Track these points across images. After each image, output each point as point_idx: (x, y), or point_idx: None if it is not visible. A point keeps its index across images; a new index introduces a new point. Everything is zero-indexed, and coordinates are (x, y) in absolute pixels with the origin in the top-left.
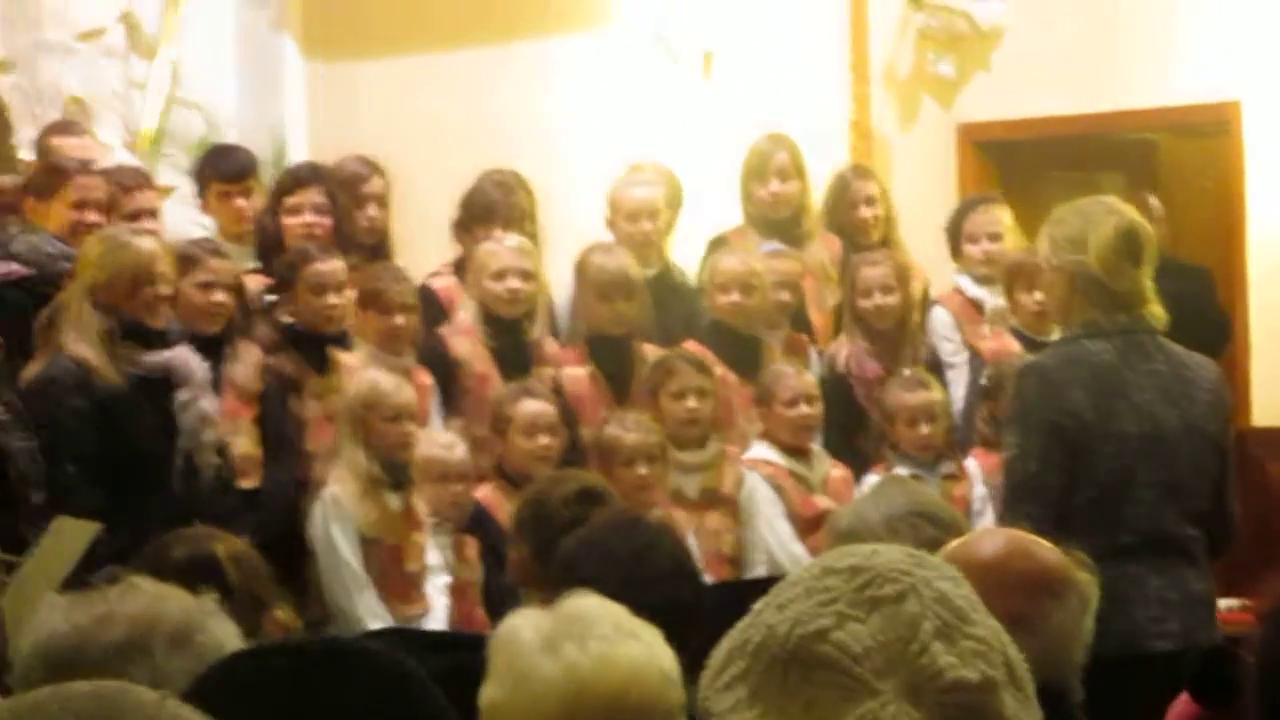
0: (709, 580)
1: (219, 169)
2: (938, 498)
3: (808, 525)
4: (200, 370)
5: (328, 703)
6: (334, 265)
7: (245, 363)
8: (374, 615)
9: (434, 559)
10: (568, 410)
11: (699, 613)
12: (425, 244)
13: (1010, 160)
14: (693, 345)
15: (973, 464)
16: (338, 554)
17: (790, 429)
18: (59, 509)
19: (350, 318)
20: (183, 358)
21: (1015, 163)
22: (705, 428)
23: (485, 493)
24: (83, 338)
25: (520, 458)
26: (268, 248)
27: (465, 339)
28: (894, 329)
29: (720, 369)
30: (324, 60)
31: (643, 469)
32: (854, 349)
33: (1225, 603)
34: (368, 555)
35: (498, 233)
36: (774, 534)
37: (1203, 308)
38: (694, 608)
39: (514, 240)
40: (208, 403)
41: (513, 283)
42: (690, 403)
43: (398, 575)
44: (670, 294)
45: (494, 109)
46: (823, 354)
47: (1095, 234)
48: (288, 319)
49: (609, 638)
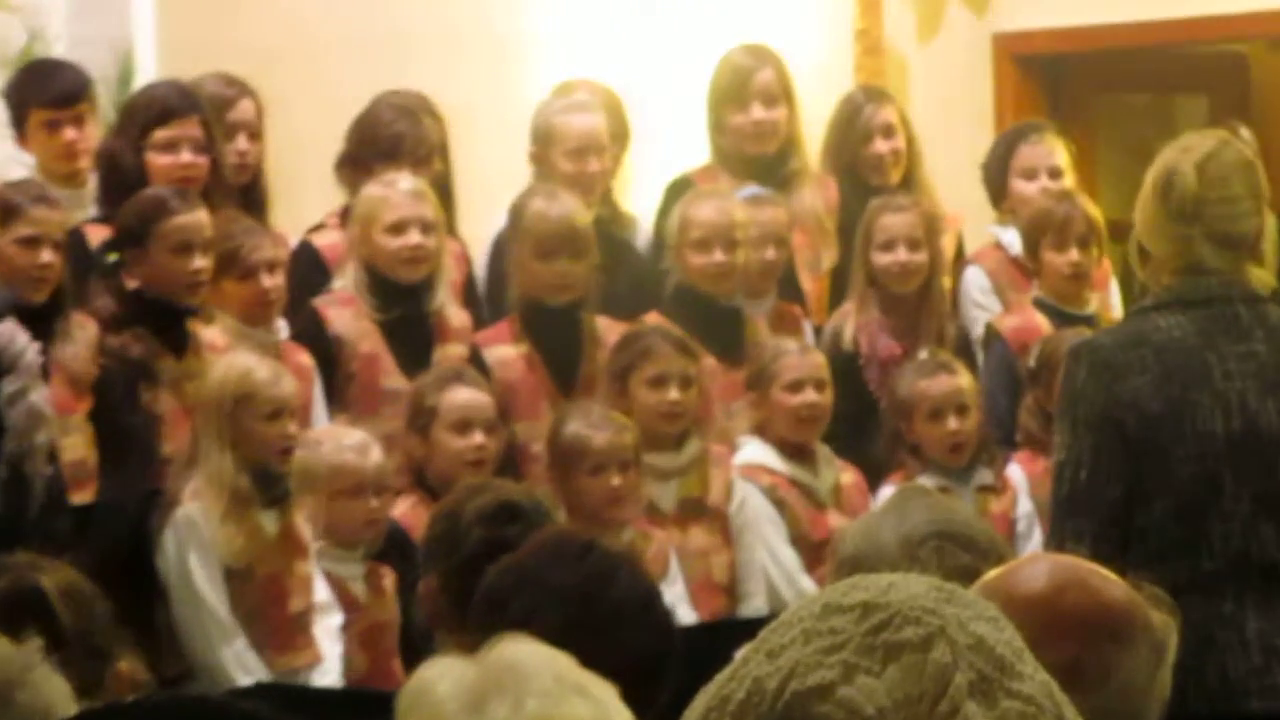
0: (693, 618)
1: (42, 91)
2: (971, 514)
3: (818, 551)
4: (31, 351)
5: None
6: (199, 217)
7: (78, 342)
8: (245, 669)
9: (323, 594)
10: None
11: (668, 663)
12: (303, 187)
13: (1060, 80)
14: (654, 318)
15: (1016, 472)
16: (196, 591)
17: (792, 421)
18: None
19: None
20: (8, 334)
21: (1066, 83)
22: (687, 424)
23: (403, 510)
24: None
25: (448, 462)
26: (119, 192)
27: (347, 311)
28: (917, 296)
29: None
30: None
31: (616, 479)
32: (865, 321)
33: None
34: (237, 592)
35: (390, 174)
36: (776, 564)
37: None
38: (661, 657)
39: (409, 183)
40: (40, 394)
41: (413, 237)
42: (673, 393)
43: (277, 617)
44: (617, 251)
45: (387, 11)
46: (819, 330)
47: (1146, 179)
48: (135, 285)
49: (549, 695)
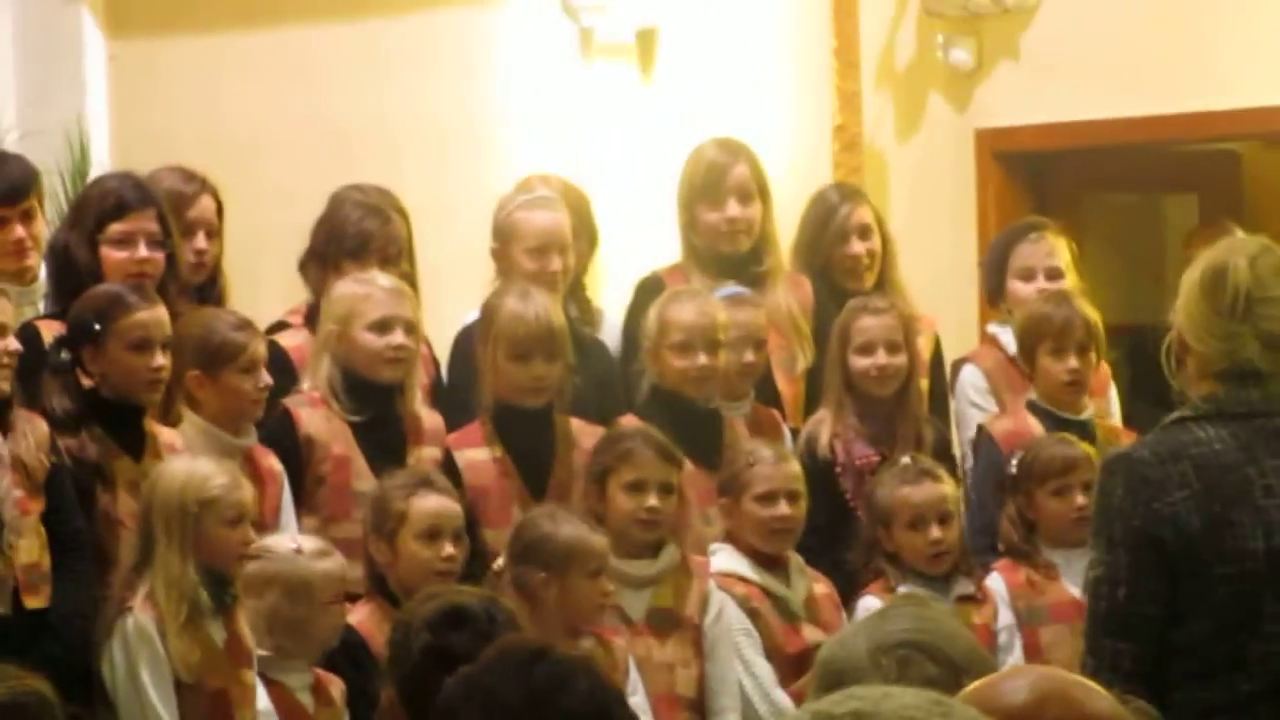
0: None
1: None
2: (956, 627)
3: (792, 665)
4: (4, 445)
5: None
6: (158, 313)
7: (29, 437)
8: None
9: (264, 703)
10: (468, 508)
11: None
12: (258, 282)
13: (1046, 178)
14: (630, 420)
15: (996, 582)
16: (148, 704)
17: (763, 532)
18: None
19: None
20: None
21: (1052, 182)
22: (665, 532)
23: (359, 617)
24: None
25: (416, 572)
26: (71, 286)
27: (318, 412)
28: (894, 400)
29: None
30: (131, 38)
31: (610, 584)
32: (841, 428)
33: None
34: (186, 705)
35: (366, 272)
36: (751, 677)
37: None
38: None
39: (389, 280)
40: (11, 489)
41: (397, 336)
42: (651, 500)
43: None
44: (588, 351)
45: (343, 104)
46: (796, 433)
47: (1185, 279)
48: (90, 383)
49: None
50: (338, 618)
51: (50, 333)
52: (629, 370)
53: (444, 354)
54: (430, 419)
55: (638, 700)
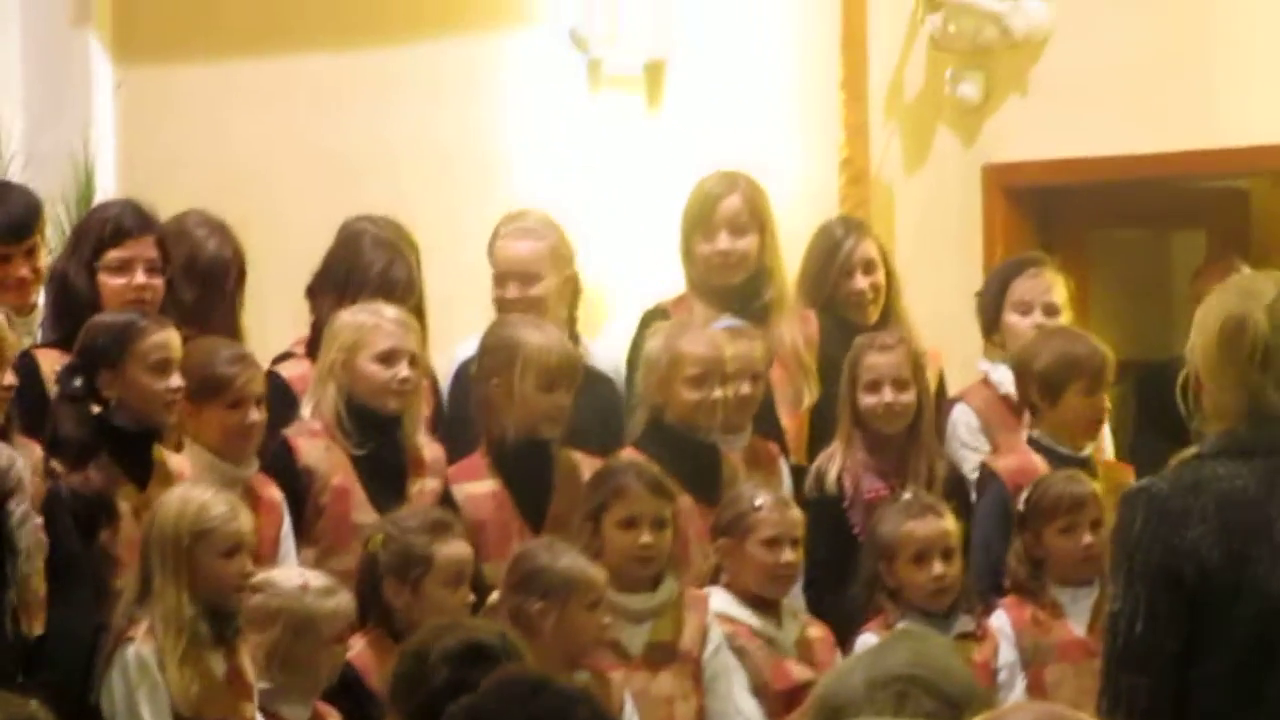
0: None
1: None
2: (954, 662)
3: (780, 701)
4: (26, 471)
5: None
6: (171, 336)
7: (28, 465)
8: None
9: None
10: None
11: None
12: (263, 307)
13: (1053, 214)
14: (629, 453)
15: (1001, 619)
16: None
17: (766, 577)
18: None
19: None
20: (7, 456)
21: (1059, 216)
22: (661, 567)
23: (356, 649)
24: None
25: (436, 615)
26: (70, 314)
27: (319, 442)
28: (905, 436)
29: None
30: (139, 64)
31: (607, 616)
32: (851, 463)
33: None
34: None
35: (374, 303)
36: (737, 714)
37: None
38: None
39: (396, 312)
40: (35, 516)
41: (403, 369)
42: (645, 536)
43: None
44: (592, 382)
45: (348, 133)
46: (796, 468)
47: (1200, 322)
48: (100, 410)
49: None
50: (340, 656)
51: (48, 361)
52: (628, 402)
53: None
54: (431, 450)
55: None
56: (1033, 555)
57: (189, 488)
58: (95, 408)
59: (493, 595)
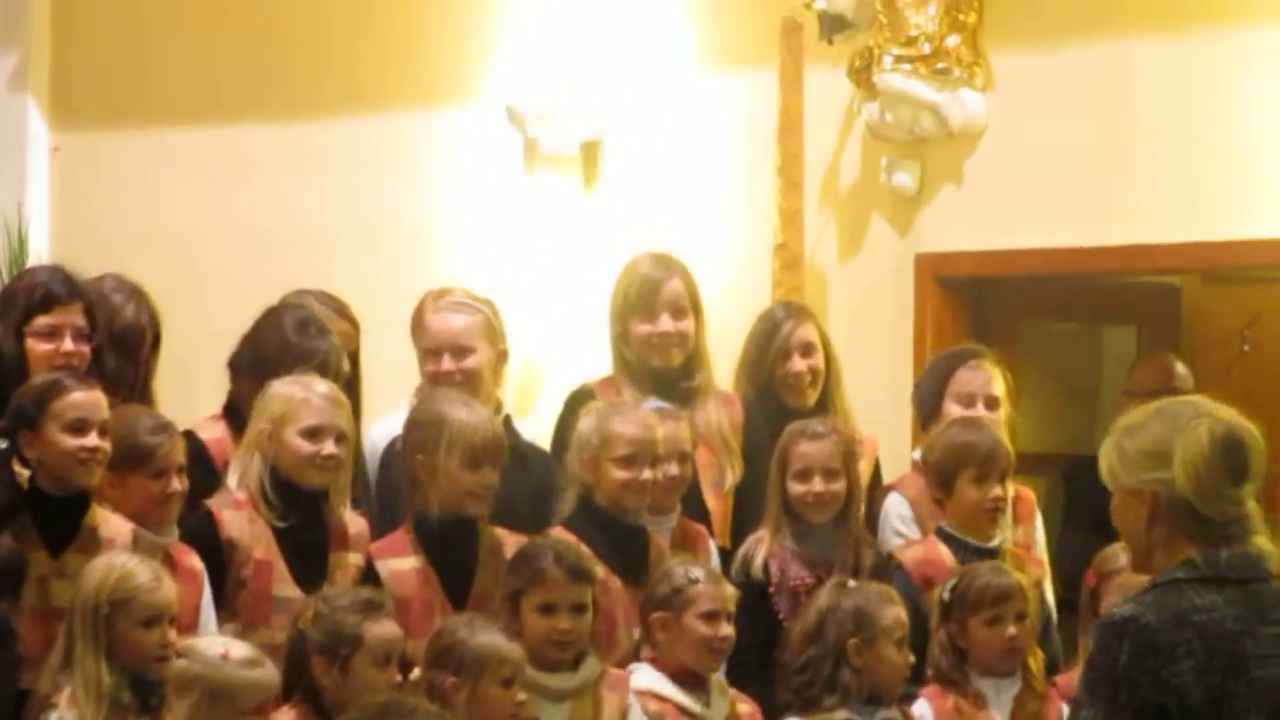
0: None
1: None
2: None
3: None
4: None
5: None
6: (94, 396)
7: None
8: None
9: None
10: None
11: None
12: (192, 378)
13: (986, 304)
14: (559, 533)
15: (923, 708)
16: None
17: (701, 650)
18: None
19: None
20: None
21: (992, 308)
22: (579, 650)
23: None
24: None
25: (365, 694)
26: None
27: (242, 514)
28: (832, 524)
29: (600, 569)
30: (75, 129)
31: (522, 694)
32: (778, 549)
33: None
34: None
35: (309, 375)
36: None
37: None
38: None
39: (326, 387)
40: None
41: (328, 446)
42: (562, 622)
43: None
44: (526, 459)
45: (289, 203)
46: (724, 551)
47: (1184, 442)
48: (22, 471)
49: None
50: None
51: None
52: (556, 482)
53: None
54: (355, 525)
55: None
56: (957, 645)
57: (114, 555)
58: (23, 471)
59: (414, 672)
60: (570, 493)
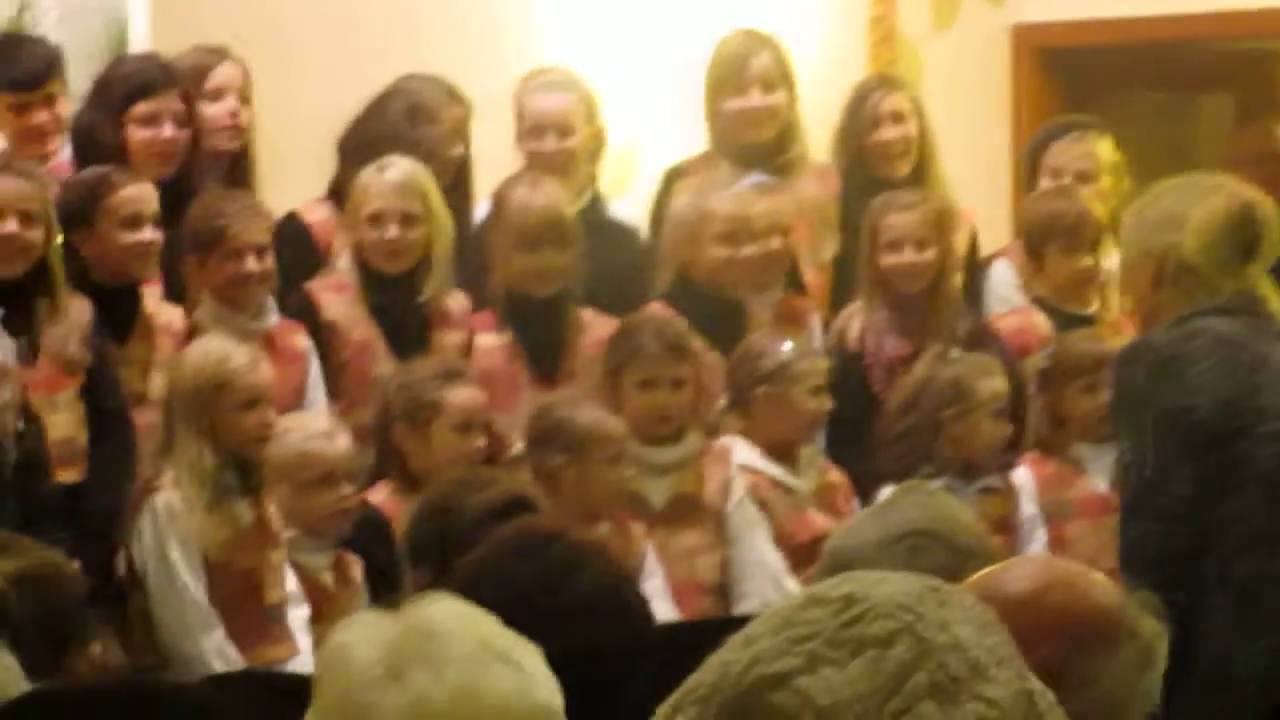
0: (673, 615)
1: (6, 73)
2: (964, 516)
3: (803, 552)
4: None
5: None
6: (144, 190)
7: (68, 323)
8: (225, 659)
9: (291, 585)
10: None
11: (640, 653)
12: (295, 164)
13: (1081, 75)
14: (656, 308)
15: (1023, 475)
16: (177, 580)
17: (805, 425)
18: None
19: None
20: None
21: (1088, 78)
22: (679, 424)
23: (381, 497)
24: None
25: (447, 461)
26: (97, 166)
27: (341, 297)
28: (926, 295)
29: (698, 344)
30: None
31: (629, 470)
32: (872, 321)
33: None
34: (215, 583)
35: (387, 158)
36: (761, 565)
37: None
38: (631, 647)
39: (397, 173)
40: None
41: (390, 230)
42: (661, 396)
43: (255, 610)
44: (601, 238)
45: None
46: (824, 322)
47: (1200, 209)
48: (83, 266)
49: (471, 662)
50: (342, 500)
51: None
52: (653, 257)
53: None
54: (457, 302)
55: (655, 585)
56: (1055, 413)
57: (209, 340)
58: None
59: (516, 446)
60: (666, 271)
